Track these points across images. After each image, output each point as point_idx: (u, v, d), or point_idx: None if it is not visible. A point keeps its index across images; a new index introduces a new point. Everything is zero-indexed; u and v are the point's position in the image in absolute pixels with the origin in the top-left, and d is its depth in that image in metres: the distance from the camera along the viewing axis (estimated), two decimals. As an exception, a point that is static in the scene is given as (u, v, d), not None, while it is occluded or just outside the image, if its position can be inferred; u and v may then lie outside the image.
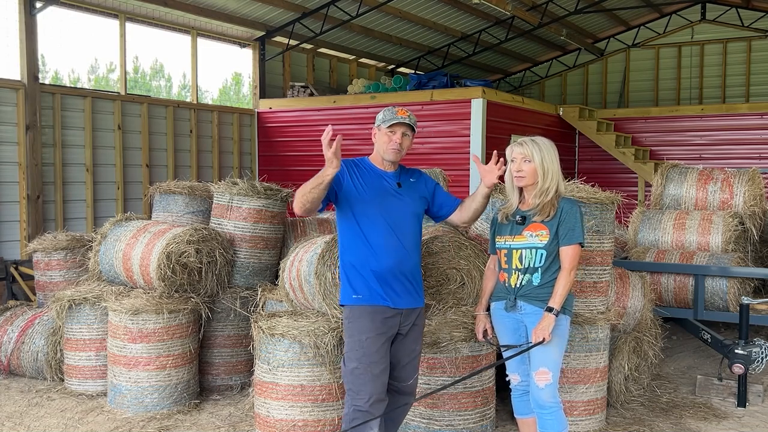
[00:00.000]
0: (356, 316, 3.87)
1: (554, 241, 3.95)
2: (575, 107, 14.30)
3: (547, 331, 3.84)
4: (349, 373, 3.85)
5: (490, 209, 4.86)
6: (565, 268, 3.93)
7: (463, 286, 5.12)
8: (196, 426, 5.27)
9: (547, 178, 3.96)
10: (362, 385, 3.80)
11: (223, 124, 12.90)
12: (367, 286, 3.87)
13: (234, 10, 12.25)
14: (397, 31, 14.80)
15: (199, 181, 8.17)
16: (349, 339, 3.88)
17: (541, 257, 3.96)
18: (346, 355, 3.90)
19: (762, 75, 15.92)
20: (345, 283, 3.96)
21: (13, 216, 9.53)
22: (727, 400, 5.81)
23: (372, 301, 3.87)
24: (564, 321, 3.99)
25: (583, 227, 3.98)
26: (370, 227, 3.90)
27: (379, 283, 3.87)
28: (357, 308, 3.88)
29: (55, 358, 6.22)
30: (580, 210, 4.00)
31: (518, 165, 4.03)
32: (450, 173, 8.43)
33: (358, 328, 3.85)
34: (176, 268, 5.70)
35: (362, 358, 3.81)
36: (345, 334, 3.95)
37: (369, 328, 3.83)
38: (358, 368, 3.81)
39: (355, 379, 3.82)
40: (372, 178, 3.99)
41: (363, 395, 3.79)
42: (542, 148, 4.00)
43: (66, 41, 10.69)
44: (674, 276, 6.92)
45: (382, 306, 3.87)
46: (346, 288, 3.95)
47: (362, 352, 3.82)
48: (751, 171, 7.72)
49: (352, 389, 3.84)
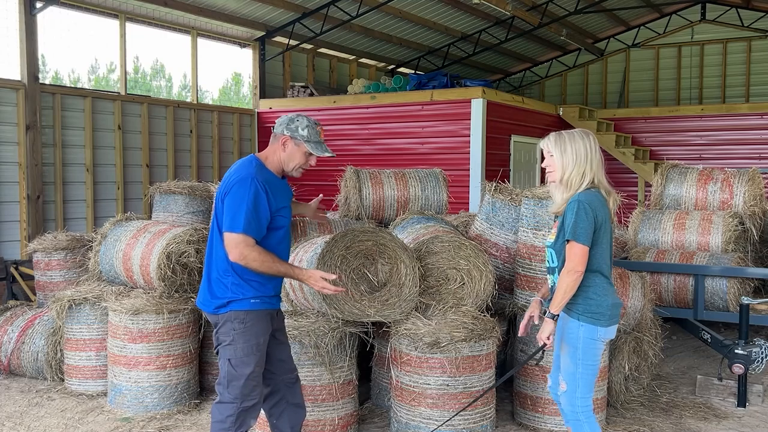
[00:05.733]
0: (253, 321, 3.79)
1: (560, 241, 3.74)
2: (575, 107, 14.31)
3: (543, 336, 3.66)
4: (243, 377, 3.78)
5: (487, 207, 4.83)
6: (564, 268, 3.66)
7: (463, 286, 5.12)
8: (196, 426, 5.27)
9: (567, 171, 3.70)
10: (255, 387, 3.83)
11: (223, 124, 12.90)
12: (263, 292, 3.84)
13: (234, 10, 12.26)
14: (397, 31, 14.81)
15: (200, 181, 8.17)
16: (245, 344, 3.78)
17: (552, 257, 3.83)
18: (239, 359, 3.77)
19: (762, 75, 15.93)
20: (235, 291, 3.79)
21: (13, 216, 9.53)
22: (727, 400, 5.81)
23: (267, 305, 3.87)
24: (575, 327, 3.71)
25: (577, 222, 3.59)
26: (283, 242, 3.91)
27: (273, 290, 3.89)
28: (254, 313, 3.80)
29: (55, 358, 6.22)
30: (580, 204, 3.61)
31: (546, 160, 3.84)
32: (450, 173, 8.43)
33: (255, 333, 3.80)
34: (176, 268, 5.70)
35: (259, 361, 3.83)
36: (237, 338, 3.78)
37: (264, 331, 3.85)
38: (254, 372, 3.80)
39: (248, 383, 3.79)
40: (283, 195, 3.88)
41: (255, 394, 3.84)
42: (565, 141, 3.74)
43: (66, 41, 10.69)
44: (674, 276, 6.92)
45: (274, 310, 3.94)
46: (237, 294, 3.80)
47: (259, 356, 3.83)
48: (751, 171, 7.72)
49: (243, 392, 3.78)
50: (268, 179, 3.78)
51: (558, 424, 5.00)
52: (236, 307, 3.79)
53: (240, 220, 3.65)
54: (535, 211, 5.17)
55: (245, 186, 3.69)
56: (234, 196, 3.69)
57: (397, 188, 7.38)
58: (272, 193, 3.76)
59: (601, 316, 3.70)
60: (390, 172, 7.58)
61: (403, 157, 11.83)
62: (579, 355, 3.72)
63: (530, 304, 4.07)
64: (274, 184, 3.82)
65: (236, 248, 3.66)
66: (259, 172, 3.77)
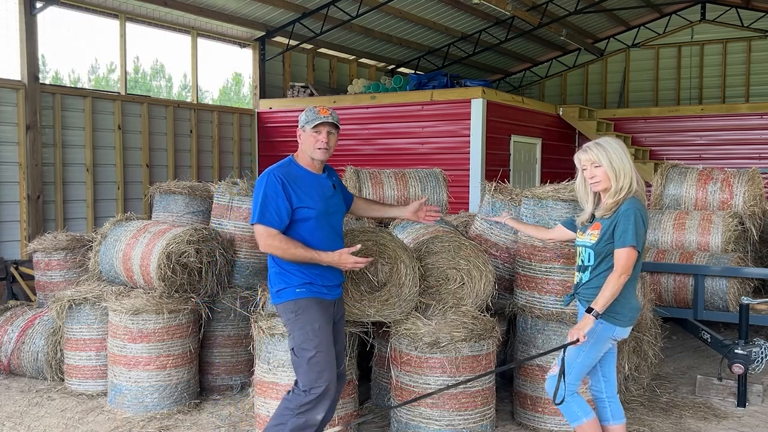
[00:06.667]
0: (303, 309, 3.96)
1: (603, 242, 3.88)
2: (575, 107, 14.32)
3: (581, 332, 3.78)
4: (305, 362, 3.92)
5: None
6: (614, 270, 3.80)
7: (463, 286, 5.12)
8: (196, 426, 5.27)
9: (620, 178, 3.87)
10: (320, 372, 3.94)
11: (224, 124, 12.91)
12: (307, 280, 4.00)
13: (234, 10, 12.26)
14: (397, 31, 14.81)
15: (200, 181, 8.17)
16: (300, 331, 3.95)
17: (589, 256, 3.96)
18: (298, 346, 3.95)
19: (762, 75, 15.94)
20: (280, 281, 4.01)
21: (13, 216, 9.53)
22: (727, 400, 5.81)
23: (315, 294, 4.01)
24: (599, 326, 3.86)
25: (637, 229, 3.78)
26: (316, 232, 4.02)
27: (320, 279, 4.03)
28: (303, 301, 3.97)
29: (55, 358, 6.23)
30: (637, 211, 3.81)
31: (590, 171, 3.97)
32: (450, 173, 8.44)
33: (307, 319, 3.95)
34: (176, 268, 5.70)
35: (319, 346, 3.94)
36: (293, 327, 3.98)
37: (317, 317, 3.98)
38: (314, 356, 3.92)
39: (312, 368, 3.92)
40: (311, 187, 4.05)
41: (322, 381, 3.93)
42: (608, 150, 3.92)
43: (66, 41, 10.69)
44: (674, 276, 6.92)
45: (324, 299, 4.06)
46: (282, 284, 4.00)
47: (318, 341, 3.94)
48: (751, 171, 7.72)
49: (309, 377, 3.91)
50: (291, 173, 4.02)
51: (558, 424, 5.00)
52: (285, 297, 4.00)
53: (256, 211, 3.93)
54: (535, 211, 5.17)
55: (262, 180, 3.99)
56: (254, 191, 4.03)
57: (397, 188, 7.38)
58: (295, 186, 3.97)
59: (622, 317, 3.91)
60: (390, 172, 7.58)
61: (403, 157, 11.84)
62: (586, 348, 3.90)
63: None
64: (300, 178, 4.03)
65: (260, 238, 3.94)
66: (281, 167, 4.04)
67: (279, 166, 4.07)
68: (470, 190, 11.30)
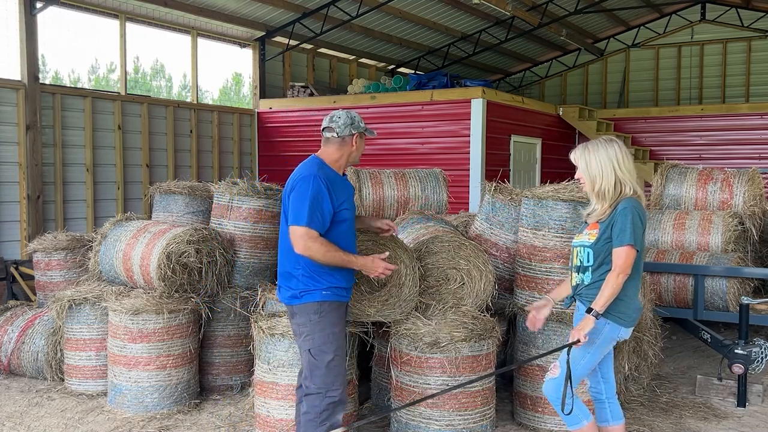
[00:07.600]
0: (326, 311, 4.01)
1: (602, 241, 3.85)
2: (575, 107, 14.31)
3: (582, 332, 3.76)
4: (324, 365, 3.98)
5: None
6: (612, 269, 3.78)
7: (463, 286, 5.12)
8: (196, 426, 5.27)
9: (596, 182, 3.85)
10: (336, 376, 4.01)
11: (224, 124, 12.91)
12: (333, 283, 4.06)
13: (234, 10, 12.26)
14: (397, 31, 14.81)
15: (199, 181, 8.17)
16: (321, 333, 4.00)
17: (588, 256, 3.93)
18: (317, 348, 4.00)
19: (762, 75, 15.94)
20: (307, 282, 4.03)
21: (13, 216, 9.53)
22: (727, 400, 5.81)
23: (339, 297, 4.08)
24: (601, 324, 3.82)
25: (634, 228, 3.74)
26: (347, 234, 4.12)
27: (344, 282, 4.12)
28: (327, 303, 4.02)
29: (55, 358, 6.23)
30: (634, 210, 3.77)
31: (577, 173, 3.98)
32: (450, 173, 8.43)
33: (330, 322, 4.01)
34: (176, 268, 5.70)
35: (337, 350, 4.01)
36: (314, 328, 4.01)
37: (338, 320, 4.05)
38: (333, 360, 3.98)
39: (330, 371, 3.99)
40: (345, 192, 4.12)
41: (338, 384, 4.02)
42: (590, 153, 3.88)
43: (66, 41, 10.69)
44: (674, 276, 6.92)
45: (345, 302, 4.17)
46: (310, 286, 4.03)
47: (337, 344, 4.01)
48: (751, 171, 7.72)
49: (325, 380, 3.99)
50: (329, 176, 4.04)
51: (558, 424, 5.00)
52: (309, 298, 4.01)
53: (304, 214, 3.92)
54: (534, 211, 5.17)
55: (308, 182, 3.97)
56: (298, 192, 3.97)
57: (397, 188, 7.38)
58: (334, 189, 4.01)
59: (627, 317, 3.89)
60: (390, 172, 7.58)
61: (403, 157, 11.84)
62: (592, 349, 3.88)
63: (539, 302, 4.16)
64: (336, 181, 4.07)
65: (300, 240, 3.92)
66: (321, 170, 4.05)
67: (317, 167, 4.05)
68: (470, 190, 11.30)
